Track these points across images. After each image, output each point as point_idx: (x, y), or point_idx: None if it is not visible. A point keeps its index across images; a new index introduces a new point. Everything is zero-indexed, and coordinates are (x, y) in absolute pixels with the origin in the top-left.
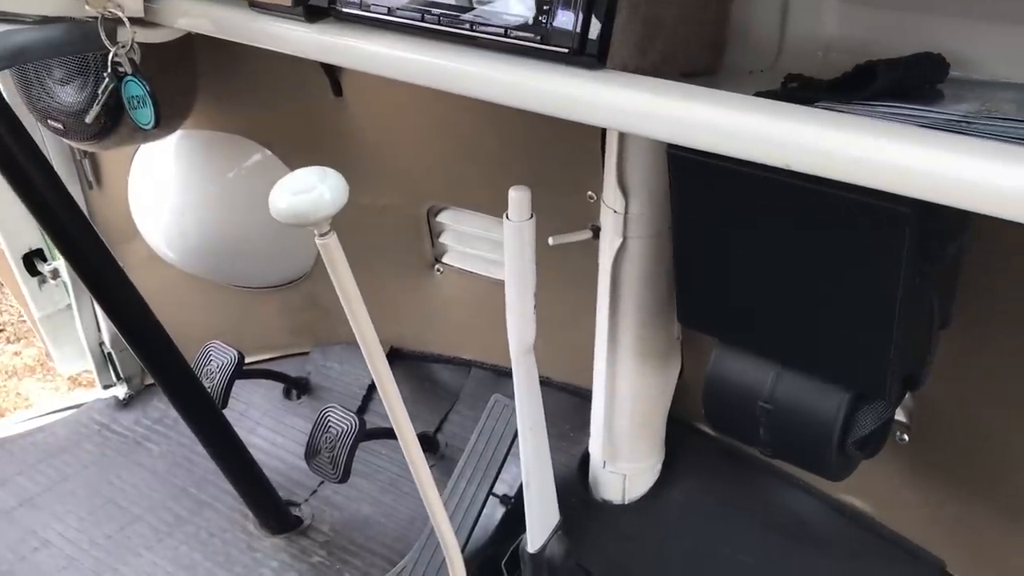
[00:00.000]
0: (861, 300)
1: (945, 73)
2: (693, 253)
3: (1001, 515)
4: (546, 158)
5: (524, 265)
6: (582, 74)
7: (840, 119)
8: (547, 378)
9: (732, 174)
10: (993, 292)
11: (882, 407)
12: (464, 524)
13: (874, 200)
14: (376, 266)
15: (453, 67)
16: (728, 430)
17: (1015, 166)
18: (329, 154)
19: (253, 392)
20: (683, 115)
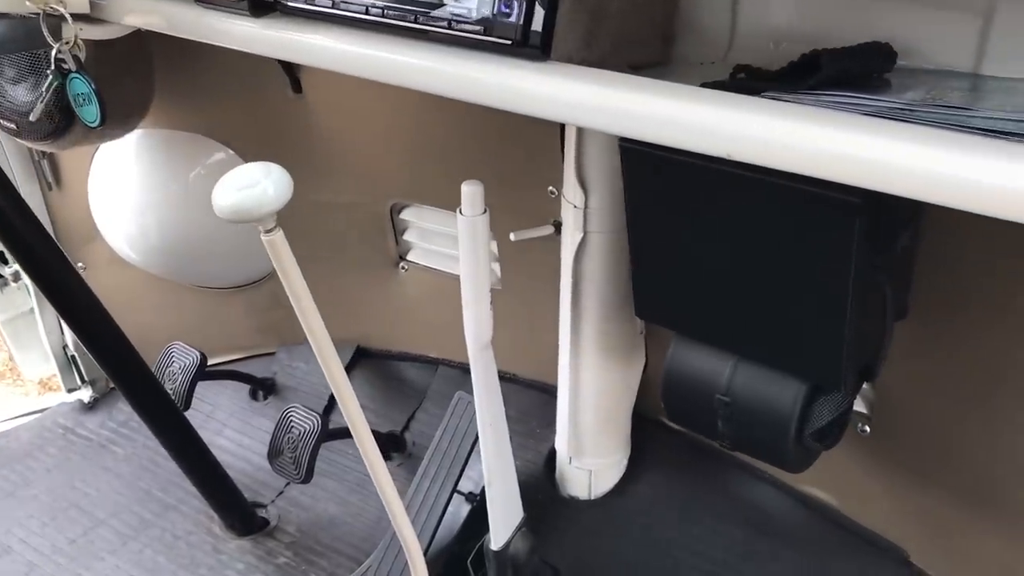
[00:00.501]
0: (813, 291)
1: (892, 62)
2: (648, 246)
3: (961, 504)
4: (508, 153)
5: (479, 260)
6: (526, 66)
7: (783, 108)
8: (514, 375)
9: (683, 166)
10: (948, 282)
11: (839, 398)
12: (428, 522)
13: (823, 190)
14: (340, 265)
15: (398, 60)
16: (687, 423)
17: (956, 153)
18: (290, 152)
19: (219, 393)
20: (626, 106)
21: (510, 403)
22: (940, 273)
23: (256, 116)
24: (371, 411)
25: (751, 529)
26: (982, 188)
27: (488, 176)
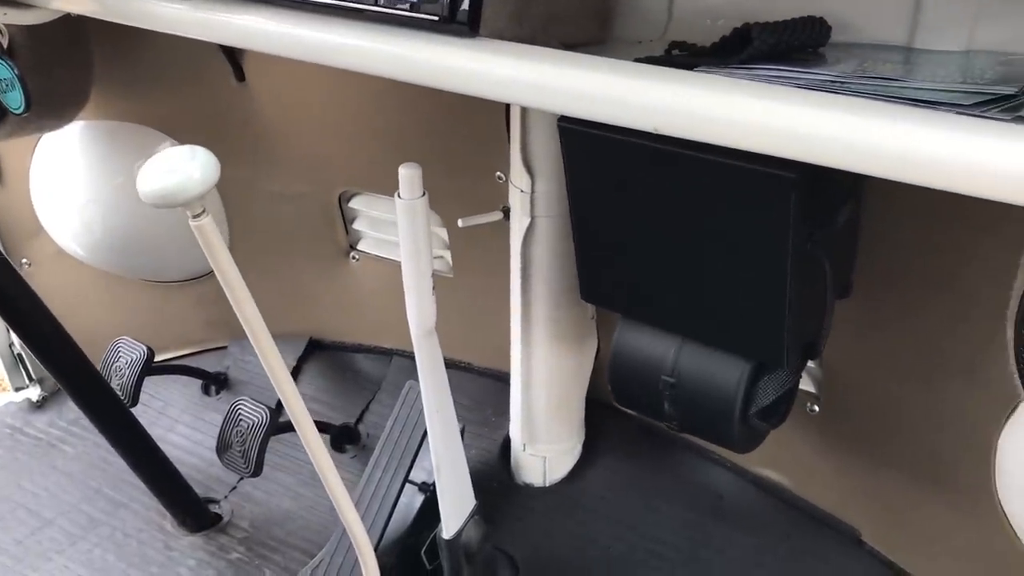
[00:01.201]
0: (753, 269)
1: (827, 36)
2: (590, 229)
3: (909, 481)
4: (455, 139)
5: (419, 244)
6: (454, 42)
7: (710, 80)
8: (468, 364)
9: (621, 145)
10: (891, 258)
11: (783, 377)
12: (380, 514)
13: (757, 166)
14: (290, 255)
15: (328, 40)
16: (634, 406)
17: (885, 123)
18: (235, 142)
19: (171, 389)
20: (552, 81)
21: (465, 392)
22: (882, 249)
23: (200, 106)
24: (325, 403)
25: (705, 512)
26: (911, 158)
27: (436, 162)
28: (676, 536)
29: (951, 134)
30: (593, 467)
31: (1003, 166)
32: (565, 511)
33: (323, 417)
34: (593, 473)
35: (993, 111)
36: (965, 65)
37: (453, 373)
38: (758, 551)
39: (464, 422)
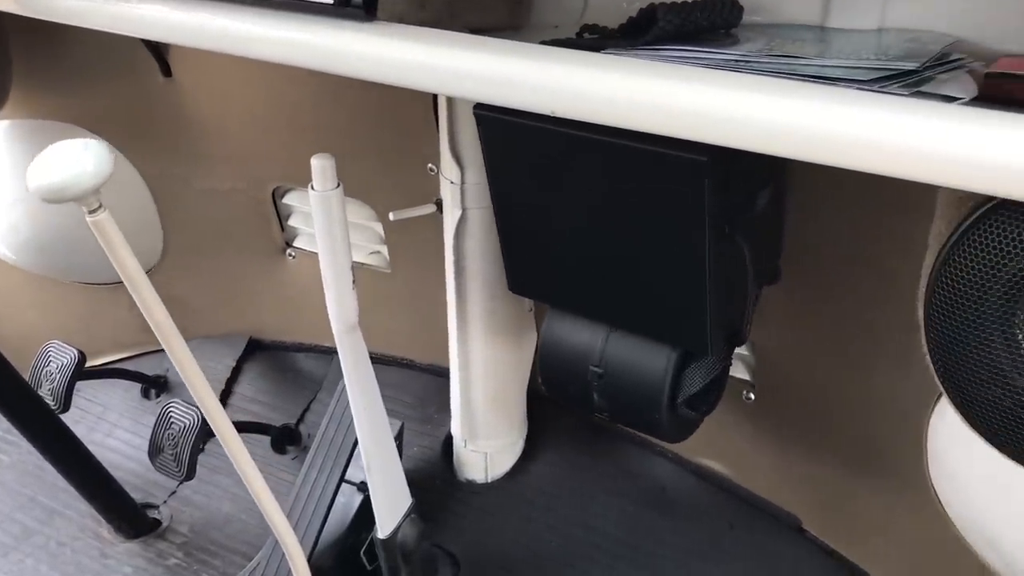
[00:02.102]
0: (673, 256)
1: (739, 17)
2: (512, 218)
3: (846, 468)
4: (387, 132)
5: (336, 237)
6: (350, 27)
7: (606, 61)
8: (411, 360)
9: (536, 131)
10: (817, 243)
11: (709, 364)
12: (316, 514)
13: (670, 150)
14: (226, 254)
15: (223, 26)
16: (564, 397)
17: (781, 99)
18: (163, 139)
19: (110, 394)
20: (450, 64)
21: (407, 389)
22: (809, 234)
23: (127, 102)
24: (266, 404)
25: (648, 504)
26: (808, 135)
27: (369, 155)
28: (618, 529)
29: (848, 110)
30: (536, 461)
31: (898, 140)
32: (507, 507)
33: (264, 418)
34: (536, 468)
35: (893, 86)
36: (874, 43)
37: (395, 370)
38: (700, 542)
39: (407, 420)
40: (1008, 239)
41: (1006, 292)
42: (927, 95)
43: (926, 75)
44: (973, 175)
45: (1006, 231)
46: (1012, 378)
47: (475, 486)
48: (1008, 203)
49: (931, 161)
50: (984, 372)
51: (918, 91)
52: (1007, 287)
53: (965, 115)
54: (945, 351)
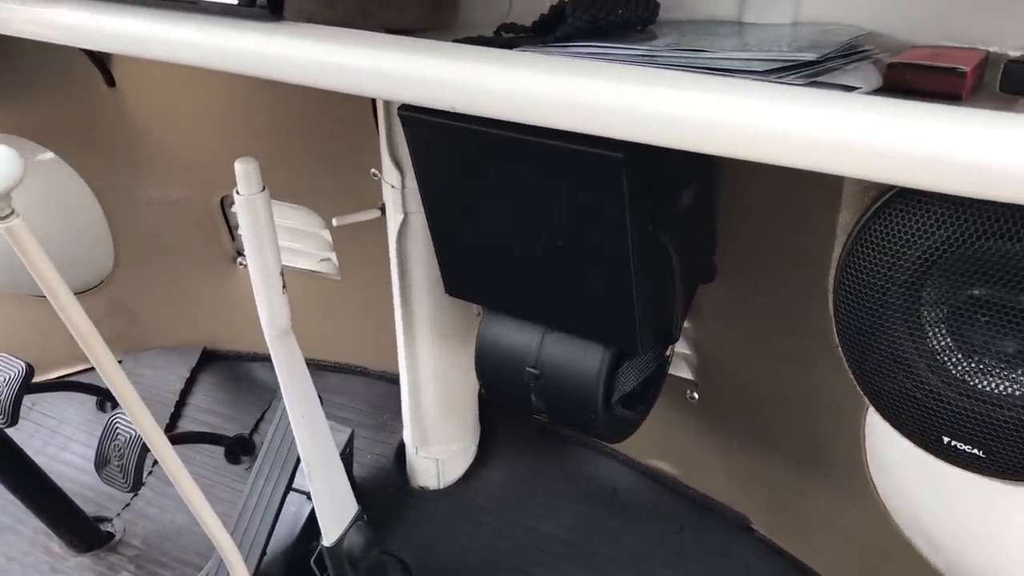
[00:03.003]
0: (598, 254)
1: (654, 13)
2: (443, 220)
3: (790, 466)
4: (332, 137)
5: (264, 241)
6: (256, 27)
7: (507, 56)
8: (364, 368)
9: (459, 131)
10: (750, 241)
11: (643, 363)
12: (263, 524)
13: (586, 147)
14: (178, 264)
15: (130, 29)
16: (503, 400)
17: (674, 90)
18: (111, 149)
19: (65, 407)
20: (354, 62)
21: (361, 397)
22: (741, 232)
23: (72, 113)
24: (220, 415)
25: (599, 506)
26: (699, 125)
27: (314, 162)
28: (570, 532)
29: (735, 100)
30: (488, 467)
31: (787, 130)
32: (459, 513)
33: (218, 428)
34: (488, 473)
35: (790, 76)
36: (788, 35)
37: (349, 378)
38: (651, 543)
39: (360, 427)
40: (908, 228)
41: (908, 281)
42: (826, 85)
43: (828, 66)
44: (864, 163)
45: (905, 220)
46: (917, 366)
47: (428, 493)
48: (907, 192)
49: (822, 150)
50: (890, 361)
51: (815, 81)
52: (909, 275)
53: (857, 104)
54: (853, 341)
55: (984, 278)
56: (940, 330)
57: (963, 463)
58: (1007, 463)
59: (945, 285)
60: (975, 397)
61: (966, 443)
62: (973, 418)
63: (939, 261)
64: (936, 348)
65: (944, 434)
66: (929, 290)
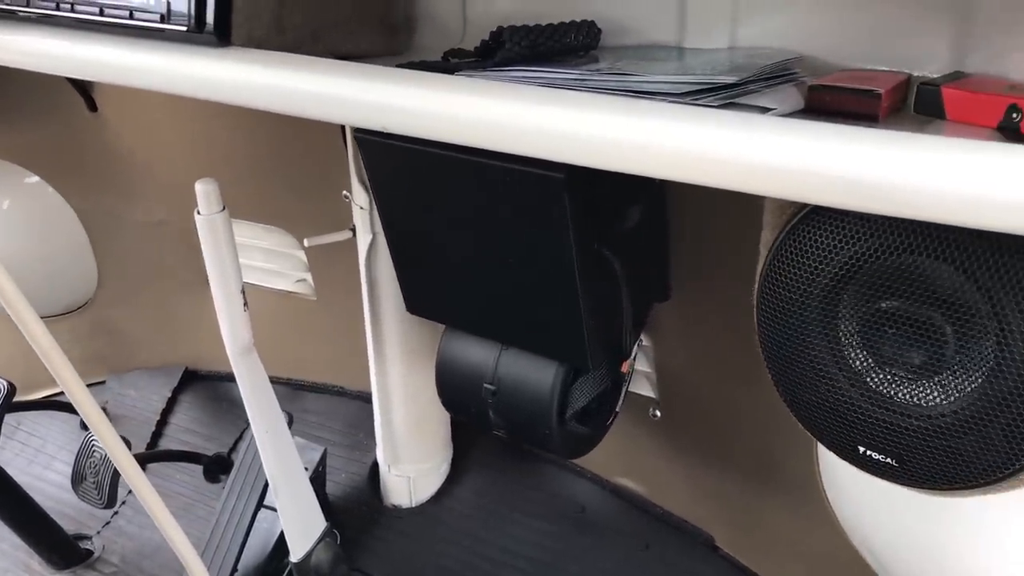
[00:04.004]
0: (546, 272)
1: (596, 39)
2: (401, 240)
3: (751, 483)
4: (306, 160)
5: (224, 260)
6: (204, 52)
7: (438, 80)
8: (341, 388)
9: (412, 153)
10: (702, 258)
11: (596, 379)
12: (234, 541)
13: (529, 168)
14: (160, 285)
15: (84, 55)
16: (462, 414)
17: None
18: (95, 173)
19: (49, 426)
20: (296, 86)
21: (338, 416)
22: (694, 250)
23: (57, 138)
24: (200, 434)
25: (568, 524)
26: (614, 144)
27: (289, 184)
28: (538, 550)
29: (643, 121)
30: (460, 485)
31: (696, 149)
32: (430, 531)
33: (198, 448)
34: (460, 491)
35: (707, 98)
36: (720, 60)
37: (326, 398)
38: (618, 562)
39: (336, 446)
40: (821, 244)
41: (824, 295)
42: (741, 106)
43: (749, 88)
44: (764, 181)
45: (819, 237)
46: (834, 378)
47: (400, 511)
48: (820, 210)
49: (725, 168)
50: (809, 373)
51: (732, 103)
52: (824, 290)
53: (760, 124)
54: (775, 354)
55: (891, 291)
56: (854, 342)
57: (878, 472)
58: (917, 472)
59: (858, 299)
60: (886, 407)
61: (879, 452)
62: (884, 428)
63: (853, 276)
64: (851, 360)
65: (859, 444)
66: (845, 304)
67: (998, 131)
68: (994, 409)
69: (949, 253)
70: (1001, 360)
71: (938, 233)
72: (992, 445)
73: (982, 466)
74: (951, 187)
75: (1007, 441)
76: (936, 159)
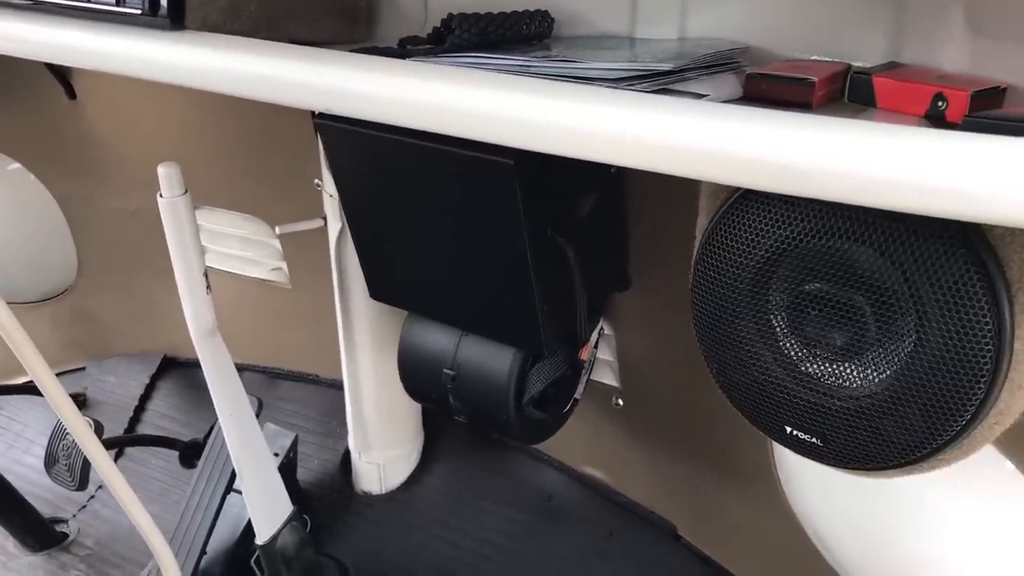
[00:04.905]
0: (501, 258)
1: (549, 28)
2: (363, 226)
3: (711, 472)
4: (281, 148)
5: (186, 243)
6: (158, 36)
7: (384, 63)
8: (316, 376)
9: (369, 139)
10: (659, 247)
11: (552, 365)
12: (203, 524)
13: (480, 153)
14: (139, 273)
15: (39, 37)
16: (424, 399)
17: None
18: (73, 160)
19: (30, 412)
20: (244, 68)
21: (312, 404)
22: (651, 241)
23: (35, 126)
24: (177, 420)
25: (534, 512)
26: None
27: (264, 172)
28: (505, 537)
29: (576, 105)
30: (430, 472)
31: (626, 133)
32: (399, 518)
33: (175, 434)
34: (429, 478)
35: (643, 84)
36: (667, 49)
37: (301, 386)
38: (582, 549)
39: (310, 434)
40: (751, 229)
41: (754, 278)
42: (675, 92)
43: (687, 75)
44: (694, 165)
45: (748, 221)
46: (764, 359)
47: (370, 497)
48: (751, 194)
49: (650, 151)
50: (741, 354)
51: (666, 89)
52: (754, 274)
53: (688, 108)
54: (708, 337)
55: (817, 274)
56: (783, 324)
57: (805, 452)
58: (841, 452)
59: (786, 281)
60: (811, 388)
61: (805, 432)
62: (809, 408)
63: (781, 259)
64: (779, 341)
65: (786, 424)
66: (774, 286)
67: (926, 119)
68: (913, 390)
69: (870, 236)
70: (919, 342)
71: (860, 216)
72: (912, 426)
73: (902, 446)
74: (871, 171)
75: (925, 421)
76: (856, 143)
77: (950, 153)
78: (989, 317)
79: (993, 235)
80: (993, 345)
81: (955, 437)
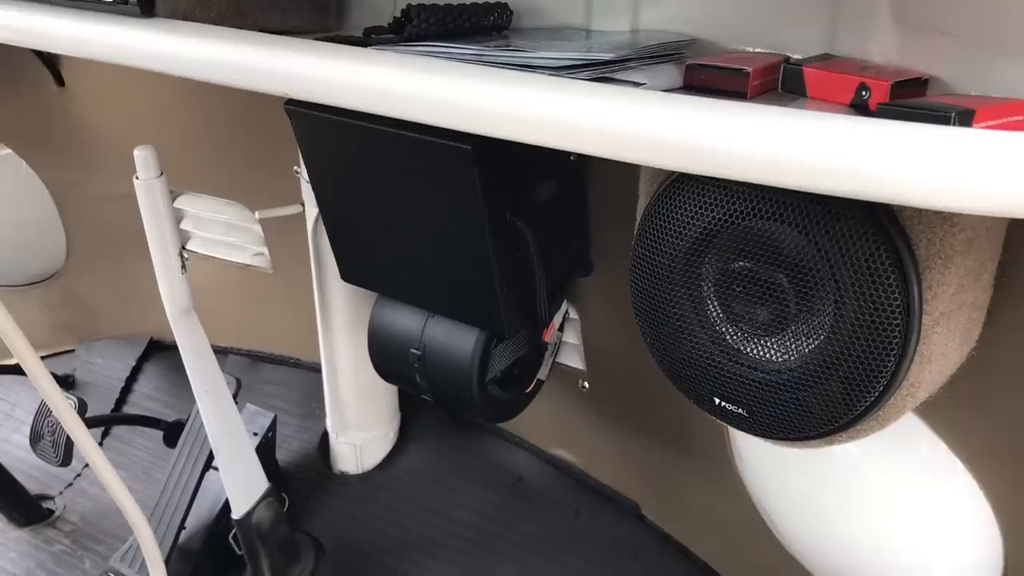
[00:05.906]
0: (462, 241)
1: (508, 20)
2: (333, 210)
3: (671, 452)
4: (262, 135)
5: (162, 223)
6: (128, 23)
7: (340, 50)
8: (298, 360)
9: (337, 125)
10: (621, 234)
11: (513, 346)
12: (182, 500)
13: (439, 139)
14: (127, 257)
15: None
16: (392, 378)
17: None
18: (63, 146)
19: (19, 392)
20: (210, 55)
21: (293, 387)
22: (612, 227)
23: (25, 112)
24: (162, 401)
25: (505, 492)
26: (489, 111)
27: (246, 158)
28: (476, 516)
29: (516, 90)
30: (405, 453)
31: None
32: (375, 497)
33: (160, 415)
34: (405, 459)
35: (582, 73)
36: (618, 40)
37: (282, 369)
38: (549, 528)
39: (290, 415)
40: (684, 211)
41: (687, 258)
42: (614, 81)
43: (629, 65)
44: (623, 147)
45: (682, 204)
46: (696, 333)
47: (347, 477)
48: (685, 178)
49: (581, 135)
50: (675, 329)
51: (605, 77)
52: (687, 253)
53: (621, 96)
54: (646, 313)
55: (744, 253)
56: (712, 301)
57: (732, 422)
58: (765, 422)
59: (717, 260)
60: (737, 361)
61: (732, 403)
62: (736, 380)
63: (712, 239)
64: (709, 317)
65: (715, 395)
66: (706, 265)
67: (851, 107)
68: (831, 364)
69: (794, 217)
70: (836, 318)
71: (785, 199)
72: (831, 398)
73: (822, 417)
74: (793, 155)
75: (842, 393)
76: (778, 129)
77: (860, 138)
78: (898, 293)
79: (903, 216)
80: (902, 320)
81: (870, 408)
